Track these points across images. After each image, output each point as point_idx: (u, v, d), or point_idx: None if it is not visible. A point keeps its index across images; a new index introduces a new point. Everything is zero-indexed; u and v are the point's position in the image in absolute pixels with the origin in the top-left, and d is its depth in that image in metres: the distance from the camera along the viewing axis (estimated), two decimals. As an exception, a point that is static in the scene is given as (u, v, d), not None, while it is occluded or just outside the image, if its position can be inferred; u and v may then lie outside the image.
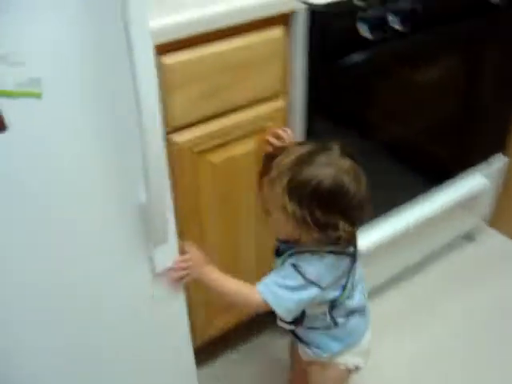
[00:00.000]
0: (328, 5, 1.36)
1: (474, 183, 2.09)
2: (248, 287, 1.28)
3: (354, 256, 1.30)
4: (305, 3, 1.36)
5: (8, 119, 0.95)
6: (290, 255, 1.27)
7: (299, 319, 1.34)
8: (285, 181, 1.16)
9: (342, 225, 1.17)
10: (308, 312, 1.32)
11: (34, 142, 0.99)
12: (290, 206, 1.16)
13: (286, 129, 1.43)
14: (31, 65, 0.93)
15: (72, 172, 1.05)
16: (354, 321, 1.37)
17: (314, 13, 1.35)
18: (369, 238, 1.80)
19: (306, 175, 1.15)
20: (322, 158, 1.17)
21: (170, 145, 1.34)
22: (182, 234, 1.46)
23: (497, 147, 2.16)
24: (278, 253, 1.33)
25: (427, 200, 1.97)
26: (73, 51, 0.97)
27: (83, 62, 0.98)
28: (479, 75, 1.87)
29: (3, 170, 0.98)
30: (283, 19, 1.38)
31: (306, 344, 1.41)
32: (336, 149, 1.19)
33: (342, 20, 1.39)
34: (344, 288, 1.29)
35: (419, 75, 1.69)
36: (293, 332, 1.42)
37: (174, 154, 1.35)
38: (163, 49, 1.23)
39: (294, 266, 1.24)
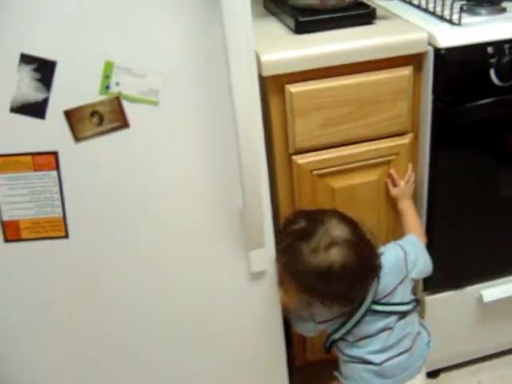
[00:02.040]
0: (457, 48, 1.41)
1: None
2: None
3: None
4: (432, 46, 1.43)
5: (130, 119, 1.18)
6: None
7: None
8: (280, 264, 1.39)
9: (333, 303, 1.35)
10: None
11: (148, 142, 1.22)
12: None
13: (406, 180, 1.57)
14: (150, 78, 1.16)
15: (176, 173, 1.27)
16: (357, 369, 1.44)
17: (440, 56, 1.42)
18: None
19: (295, 266, 1.33)
20: (303, 249, 1.30)
21: (292, 166, 1.49)
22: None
23: None
24: None
25: None
26: (186, 70, 1.18)
27: (193, 79, 1.19)
28: None
29: (122, 159, 1.22)
30: (413, 59, 1.46)
31: None
32: (319, 233, 1.30)
33: (470, 64, 1.43)
34: (335, 331, 1.42)
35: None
36: None
37: (295, 174, 1.50)
38: (293, 78, 1.40)
39: None
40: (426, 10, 1.59)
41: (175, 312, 1.40)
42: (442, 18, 1.52)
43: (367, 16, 1.51)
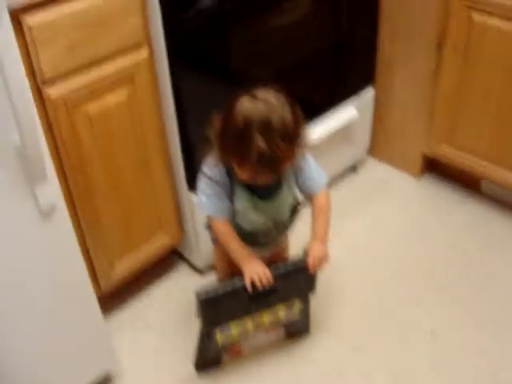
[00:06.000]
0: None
1: (345, 116, 2.28)
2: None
3: None
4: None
5: None
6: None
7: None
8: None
9: None
10: None
11: None
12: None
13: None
14: None
15: None
16: None
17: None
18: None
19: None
20: None
21: (44, 98, 1.47)
22: (70, 187, 1.60)
23: (366, 81, 2.36)
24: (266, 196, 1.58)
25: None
26: None
27: None
28: (337, 8, 2.06)
29: None
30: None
31: None
32: None
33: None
34: None
35: (275, 15, 1.85)
36: None
37: (49, 106, 1.48)
38: (25, 10, 1.36)
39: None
40: None
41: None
42: None
43: None
